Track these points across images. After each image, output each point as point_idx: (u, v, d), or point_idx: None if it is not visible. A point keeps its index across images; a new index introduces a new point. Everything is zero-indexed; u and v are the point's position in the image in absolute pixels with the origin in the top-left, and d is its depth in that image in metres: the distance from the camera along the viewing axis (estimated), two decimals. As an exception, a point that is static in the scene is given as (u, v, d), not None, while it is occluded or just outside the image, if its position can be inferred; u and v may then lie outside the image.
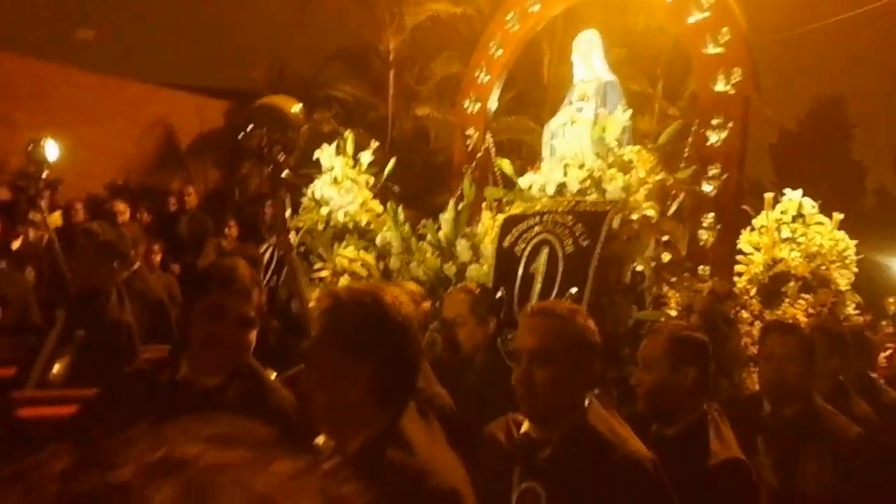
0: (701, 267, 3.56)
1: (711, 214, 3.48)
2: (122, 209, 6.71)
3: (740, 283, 3.64)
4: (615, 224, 2.92)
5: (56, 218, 7.02)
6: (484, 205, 3.91)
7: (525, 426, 1.99)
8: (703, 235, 3.78)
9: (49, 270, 4.55)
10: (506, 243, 3.21)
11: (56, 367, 3.22)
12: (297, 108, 2.79)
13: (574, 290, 2.85)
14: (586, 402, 1.97)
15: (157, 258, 6.18)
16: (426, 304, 2.83)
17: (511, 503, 1.89)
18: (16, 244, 5.97)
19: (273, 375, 3.27)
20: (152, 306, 4.32)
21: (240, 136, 2.80)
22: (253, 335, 2.30)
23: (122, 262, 3.65)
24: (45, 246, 4.74)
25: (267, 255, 4.40)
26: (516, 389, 1.99)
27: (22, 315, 3.86)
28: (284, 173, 2.70)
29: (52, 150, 4.24)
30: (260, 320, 2.36)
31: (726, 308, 3.45)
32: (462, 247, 3.68)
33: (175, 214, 8.15)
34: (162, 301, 4.46)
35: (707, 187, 3.40)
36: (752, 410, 2.81)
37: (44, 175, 4.18)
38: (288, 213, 2.82)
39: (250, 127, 2.63)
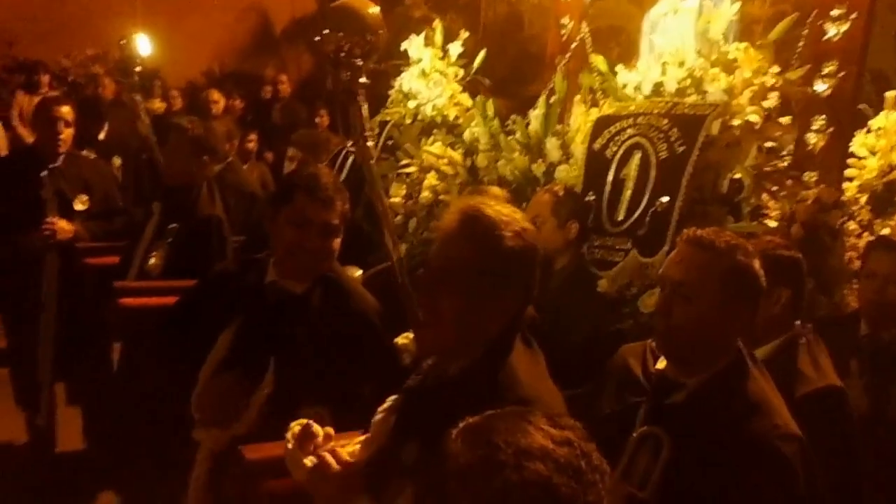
0: (807, 173, 3.34)
1: (823, 116, 3.22)
2: (217, 98, 6.80)
3: (850, 190, 3.40)
4: (714, 129, 2.73)
5: (158, 105, 7.21)
6: (577, 98, 3.73)
7: (662, 363, 1.86)
8: (812, 139, 3.52)
9: (146, 162, 4.69)
10: (596, 146, 3.08)
11: (153, 259, 3.37)
12: (374, 10, 2.68)
13: (665, 198, 2.72)
14: (738, 355, 1.81)
15: (252, 146, 6.28)
16: None
17: (629, 443, 1.78)
18: (101, 134, 6.15)
19: (358, 273, 3.34)
20: (245, 199, 4.42)
21: (316, 39, 2.72)
22: (337, 242, 2.32)
23: (211, 156, 3.71)
24: (142, 138, 4.86)
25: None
26: (655, 321, 1.88)
27: (105, 201, 3.98)
28: (362, 80, 2.62)
29: (143, 45, 4.27)
30: (344, 225, 2.37)
31: (832, 218, 3.24)
32: (552, 145, 3.55)
33: (269, 102, 8.23)
34: (254, 194, 4.56)
35: (820, 86, 3.13)
36: (848, 331, 2.67)
37: (137, 69, 4.23)
38: (365, 112, 2.74)
39: (326, 31, 2.55)
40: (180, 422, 2.30)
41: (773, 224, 2.99)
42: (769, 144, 2.91)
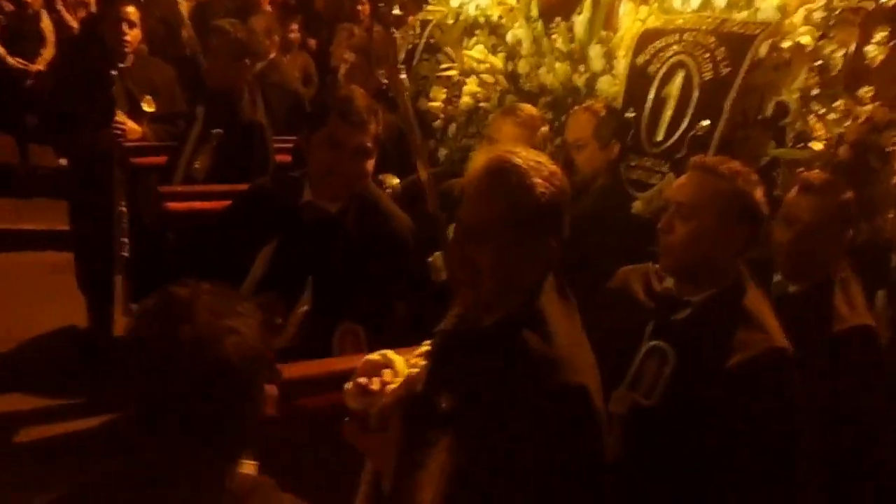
0: (864, 88, 3.21)
1: (886, 28, 3.07)
2: (260, -10, 6.64)
3: (907, 107, 3.27)
4: (762, 51, 2.64)
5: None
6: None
7: (668, 281, 1.97)
8: (871, 52, 3.37)
9: (190, 61, 4.69)
10: (639, 61, 3.00)
11: (197, 163, 3.44)
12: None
13: (706, 122, 2.67)
14: (739, 276, 1.90)
15: (295, 36, 6.19)
16: (544, 129, 2.76)
17: (637, 356, 1.90)
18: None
19: (395, 181, 3.38)
20: (288, 97, 4.43)
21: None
22: (370, 163, 2.36)
23: (253, 58, 3.71)
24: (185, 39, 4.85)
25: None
26: (658, 238, 1.96)
27: (170, 103, 4.05)
28: (396, 10, 2.57)
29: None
30: (378, 146, 2.40)
31: (884, 139, 3.15)
32: (595, 53, 3.45)
33: (312, -13, 8.01)
34: (297, 93, 4.55)
35: (885, -5, 2.97)
36: (879, 260, 2.66)
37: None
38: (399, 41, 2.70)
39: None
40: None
41: (819, 146, 2.92)
42: (819, 63, 2.81)
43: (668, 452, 1.78)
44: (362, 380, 1.60)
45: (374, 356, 1.66)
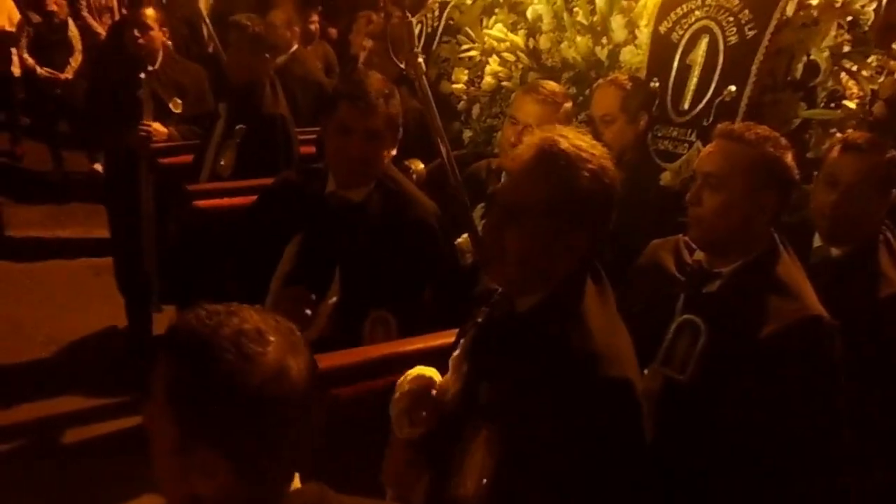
0: (896, 43, 3.11)
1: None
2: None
3: (943, 58, 3.16)
4: (789, 10, 2.56)
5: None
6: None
7: (698, 253, 1.93)
8: (906, 1, 3.25)
9: (211, 58, 4.71)
10: (662, 29, 2.93)
11: (223, 160, 3.46)
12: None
13: (733, 87, 2.60)
14: (772, 244, 1.86)
15: (315, 27, 6.17)
16: (567, 105, 2.71)
17: (668, 330, 1.87)
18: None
19: (421, 166, 3.35)
20: (312, 89, 4.43)
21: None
22: (385, 147, 2.33)
23: (273, 52, 3.71)
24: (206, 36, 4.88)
25: (416, 31, 4.29)
26: (688, 210, 1.92)
27: (198, 104, 4.08)
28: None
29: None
30: (394, 130, 2.37)
31: (920, 93, 3.05)
32: (617, 24, 3.39)
33: (331, -24, 7.99)
34: (320, 83, 4.54)
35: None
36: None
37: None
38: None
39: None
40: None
41: (852, 106, 2.83)
42: (849, 19, 2.72)
43: (703, 428, 1.74)
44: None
45: (414, 381, 1.70)
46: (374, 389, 1.96)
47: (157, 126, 3.89)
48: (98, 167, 6.71)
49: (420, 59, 2.73)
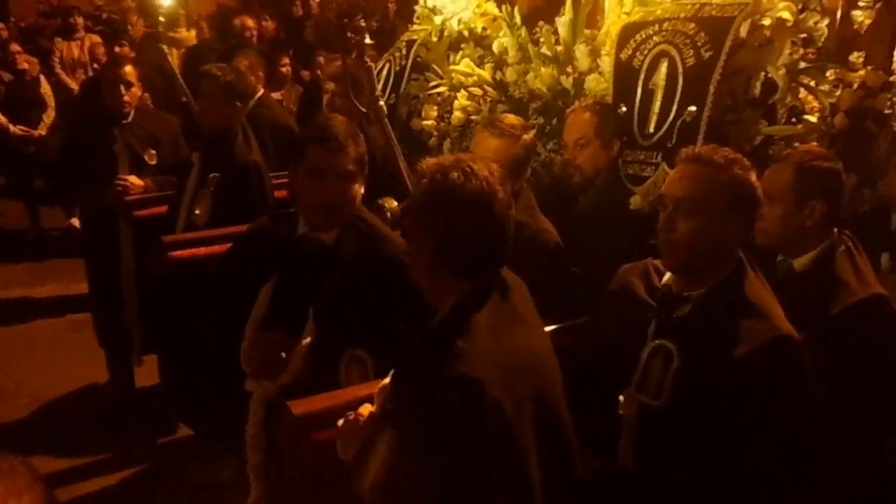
0: (854, 54, 3.18)
1: (871, -9, 3.04)
2: (251, 24, 6.72)
3: (901, 70, 3.23)
4: (743, 31, 2.61)
5: (186, 34, 7.19)
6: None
7: (667, 277, 1.95)
8: (859, 17, 3.34)
9: (184, 107, 4.73)
10: (623, 55, 2.98)
11: (197, 209, 3.46)
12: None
13: (693, 108, 2.64)
14: (739, 264, 1.89)
15: (286, 70, 6.21)
16: (527, 137, 2.74)
17: (641, 355, 1.88)
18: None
19: (394, 204, 3.37)
20: (282, 133, 4.45)
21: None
22: (355, 188, 2.35)
23: (243, 100, 3.74)
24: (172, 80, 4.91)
25: (385, 70, 4.34)
26: (659, 237, 1.94)
27: (174, 153, 4.10)
28: (367, 40, 2.58)
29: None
30: (363, 170, 2.39)
31: (879, 103, 3.11)
32: (581, 53, 3.44)
33: (300, 20, 8.10)
34: (289, 127, 4.57)
35: (865, -40, 2.95)
36: (879, 223, 2.61)
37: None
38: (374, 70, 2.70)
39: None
40: (238, 366, 2.44)
41: (813, 120, 2.89)
42: (803, 36, 2.78)
43: (681, 452, 1.74)
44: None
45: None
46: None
47: (133, 179, 3.90)
48: (75, 222, 6.71)
49: (381, 102, 2.75)
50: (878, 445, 2.09)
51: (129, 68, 4.00)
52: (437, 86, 4.01)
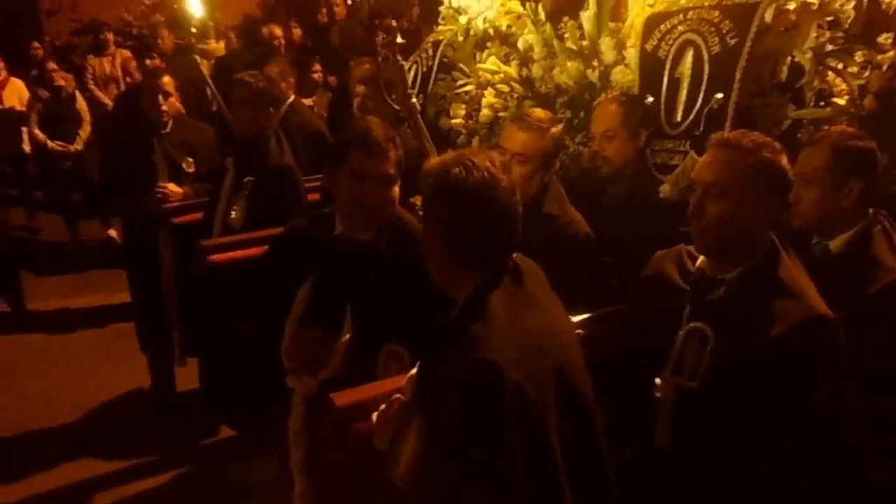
0: (883, 36, 3.15)
1: (899, -32, 3.01)
2: (278, 33, 6.82)
3: (929, 48, 3.19)
4: (768, 17, 2.61)
5: (215, 46, 7.32)
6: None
7: (700, 261, 1.97)
8: (886, -2, 3.30)
9: (216, 116, 4.82)
10: (648, 46, 2.99)
11: (233, 213, 3.53)
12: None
13: (720, 95, 2.65)
14: (772, 246, 1.90)
15: (318, 77, 6.26)
16: (555, 130, 2.76)
17: (676, 339, 1.90)
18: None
19: (424, 202, 3.40)
20: (313, 139, 4.52)
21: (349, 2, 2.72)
22: (395, 191, 2.40)
23: (276, 105, 3.80)
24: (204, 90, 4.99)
25: (412, 72, 4.39)
26: (690, 222, 1.97)
27: (210, 160, 4.19)
28: (399, 39, 2.62)
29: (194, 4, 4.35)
30: (401, 172, 2.43)
31: (909, 82, 3.08)
32: (606, 46, 3.45)
33: (326, 26, 8.19)
34: (321, 132, 4.63)
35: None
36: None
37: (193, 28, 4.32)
38: (410, 77, 2.75)
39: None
40: (278, 365, 2.49)
41: (841, 103, 2.87)
42: (829, 19, 2.77)
43: (718, 433, 1.76)
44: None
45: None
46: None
47: (172, 187, 3.99)
48: (113, 233, 6.85)
49: (414, 100, 2.79)
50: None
51: (167, 79, 4.10)
52: (464, 84, 4.05)
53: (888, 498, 2.01)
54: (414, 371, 1.82)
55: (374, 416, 1.85)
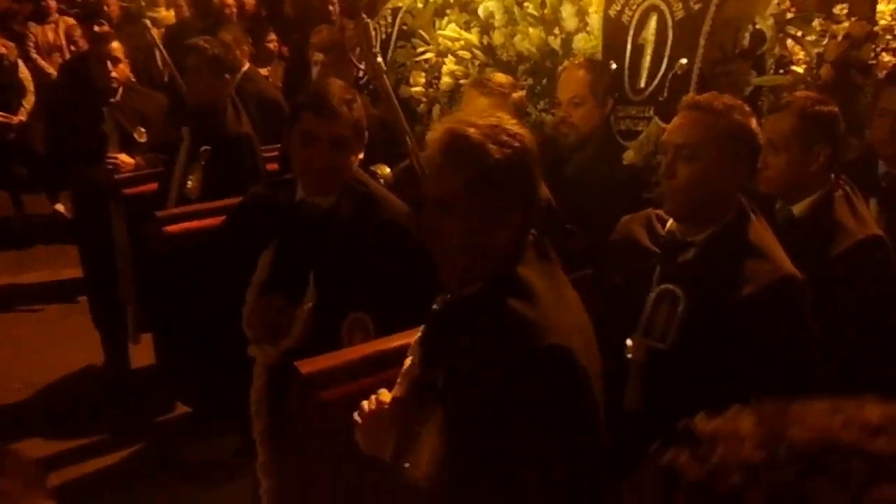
0: (838, 6, 3.18)
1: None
2: (230, 2, 6.63)
3: (883, 18, 3.24)
4: (731, -18, 2.61)
5: (165, 14, 7.10)
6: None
7: (670, 224, 1.96)
8: (843, -33, 3.33)
9: (168, 85, 4.69)
10: (612, 12, 2.97)
11: (189, 182, 3.44)
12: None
13: (684, 61, 2.65)
14: (741, 209, 1.89)
15: (274, 46, 6.11)
16: (516, 95, 2.73)
17: (647, 302, 1.90)
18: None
19: (387, 170, 3.36)
20: (268, 107, 4.42)
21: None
22: (350, 152, 2.33)
23: (231, 73, 3.70)
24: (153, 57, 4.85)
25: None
26: (661, 184, 1.97)
27: (163, 130, 4.07)
28: None
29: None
30: (359, 134, 2.37)
31: (864, 53, 3.12)
32: (567, 13, 3.43)
33: (279, -6, 7.99)
34: (277, 101, 4.53)
35: None
36: (867, 170, 2.64)
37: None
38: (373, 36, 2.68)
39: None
40: (238, 337, 2.43)
41: (800, 70, 2.90)
42: (791, -15, 2.78)
43: (689, 393, 1.76)
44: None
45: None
46: (363, 389, 1.95)
47: (123, 157, 3.88)
48: (60, 208, 6.64)
49: (379, 59, 2.73)
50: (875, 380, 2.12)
51: (115, 44, 3.97)
52: (424, 52, 4.00)
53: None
54: (408, 362, 1.72)
55: (357, 416, 1.71)
